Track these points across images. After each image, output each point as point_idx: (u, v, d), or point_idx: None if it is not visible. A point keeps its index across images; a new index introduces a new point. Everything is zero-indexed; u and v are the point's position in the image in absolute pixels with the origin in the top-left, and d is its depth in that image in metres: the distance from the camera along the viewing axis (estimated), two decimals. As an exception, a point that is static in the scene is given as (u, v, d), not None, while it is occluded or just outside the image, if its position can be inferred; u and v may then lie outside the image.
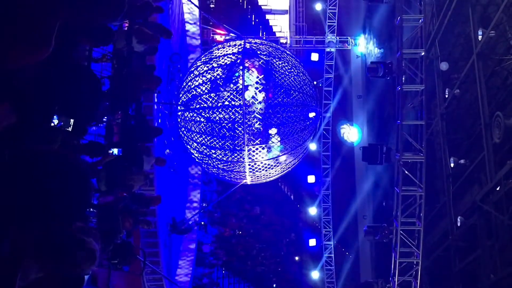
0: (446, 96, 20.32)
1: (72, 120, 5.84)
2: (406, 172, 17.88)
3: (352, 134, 30.49)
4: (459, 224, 18.99)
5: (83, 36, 5.79)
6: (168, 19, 18.08)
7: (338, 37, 25.82)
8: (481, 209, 16.88)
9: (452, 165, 19.76)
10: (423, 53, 17.87)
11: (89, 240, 3.88)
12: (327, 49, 26.31)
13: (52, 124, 5.24)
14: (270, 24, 31.45)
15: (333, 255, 28.68)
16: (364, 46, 27.14)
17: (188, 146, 15.97)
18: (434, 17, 20.20)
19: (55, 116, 5.26)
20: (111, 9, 3.61)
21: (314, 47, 26.20)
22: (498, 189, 15.67)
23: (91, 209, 8.73)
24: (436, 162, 21.02)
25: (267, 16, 31.76)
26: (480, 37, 16.56)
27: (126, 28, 9.34)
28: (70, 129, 5.93)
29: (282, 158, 15.40)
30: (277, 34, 29.44)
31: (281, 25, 30.94)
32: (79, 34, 5.50)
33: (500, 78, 17.17)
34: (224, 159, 15.28)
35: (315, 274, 29.51)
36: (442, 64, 19.82)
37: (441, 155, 20.73)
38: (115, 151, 9.25)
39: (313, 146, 25.87)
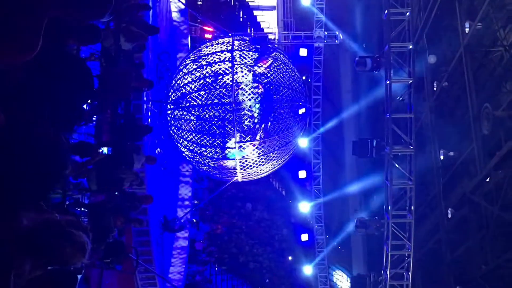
0: (435, 89, 20.43)
1: None
2: (396, 165, 17.95)
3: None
4: (449, 216, 19.13)
5: (71, 35, 5.78)
6: (156, 18, 18.03)
7: (326, 32, 25.83)
8: (472, 201, 17.00)
9: (441, 157, 19.89)
10: (410, 46, 17.93)
11: (78, 233, 3.86)
12: (316, 44, 26.33)
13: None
14: (258, 20, 31.43)
15: (325, 249, 28.77)
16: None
17: (179, 145, 15.95)
18: (421, 11, 20.29)
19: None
20: (98, 6, 3.60)
21: (302, 42, 26.20)
22: (487, 180, 15.79)
23: (82, 208, 8.73)
24: (425, 155, 21.13)
25: (255, 13, 31.73)
26: (467, 29, 16.67)
27: (113, 27, 9.32)
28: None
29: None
30: (266, 30, 29.43)
31: (269, 21, 30.94)
32: (66, 32, 5.49)
33: (487, 70, 17.27)
34: (215, 157, 15.28)
35: (308, 269, 29.62)
36: (430, 57, 19.93)
37: (430, 148, 20.85)
38: (105, 150, 9.24)
39: (304, 143, 25.89)
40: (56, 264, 3.87)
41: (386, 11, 17.89)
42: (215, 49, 15.13)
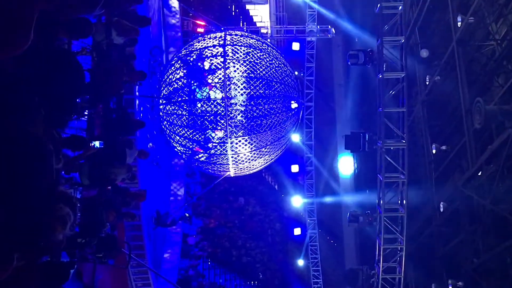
0: (427, 83, 20.43)
1: None
2: (389, 159, 17.98)
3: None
4: (441, 210, 19.16)
5: (62, 29, 5.74)
6: (147, 12, 17.95)
7: (318, 26, 25.80)
8: (463, 194, 17.03)
9: (434, 151, 19.91)
10: (403, 40, 17.94)
11: (59, 206, 3.88)
12: (308, 38, 26.31)
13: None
14: (251, 14, 31.34)
15: (317, 243, 28.83)
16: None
17: (171, 140, 15.92)
18: (414, 4, 20.27)
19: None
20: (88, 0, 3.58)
21: (295, 36, 26.17)
22: (479, 174, 15.83)
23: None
24: (418, 149, 21.16)
25: (247, 6, 31.63)
26: (459, 23, 16.65)
27: (104, 20, 9.27)
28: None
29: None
30: (258, 24, 29.33)
31: (261, 15, 30.85)
32: (57, 26, 5.45)
33: (479, 64, 17.30)
34: (208, 153, 15.26)
35: (299, 262, 29.77)
36: (423, 51, 19.90)
37: (423, 142, 20.88)
38: (97, 143, 9.20)
39: (296, 138, 25.89)
40: (38, 236, 3.88)
41: (378, 5, 17.88)
42: (207, 43, 15.10)
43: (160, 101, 15.50)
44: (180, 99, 14.74)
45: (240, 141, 14.85)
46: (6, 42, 3.33)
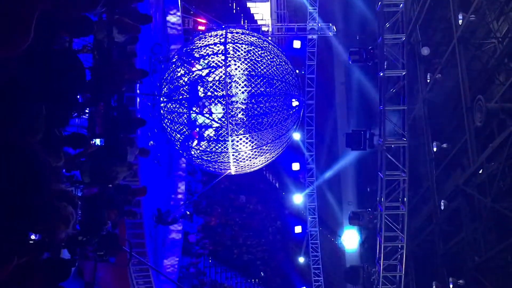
0: (428, 80, 20.44)
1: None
2: (390, 157, 17.97)
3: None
4: (442, 208, 19.17)
5: (63, 27, 5.73)
6: (148, 10, 17.94)
7: (319, 24, 25.78)
8: (464, 192, 17.04)
9: (435, 149, 19.92)
10: (404, 38, 17.92)
11: (63, 204, 3.88)
12: (309, 36, 26.28)
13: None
14: (252, 12, 31.33)
15: (318, 241, 28.84)
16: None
17: (172, 138, 15.91)
18: (415, 2, 20.27)
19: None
20: (89, -2, 3.58)
21: (296, 34, 26.15)
22: (480, 172, 15.83)
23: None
24: (419, 147, 21.16)
25: (249, 4, 31.66)
26: (460, 21, 16.65)
27: (106, 18, 9.25)
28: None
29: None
30: (259, 22, 29.32)
31: (262, 13, 30.84)
32: (58, 24, 5.45)
33: (480, 62, 17.29)
34: (208, 150, 15.25)
35: (300, 259, 29.83)
36: (424, 49, 19.91)
37: (424, 140, 20.88)
38: (98, 141, 9.19)
39: (297, 136, 25.88)
40: (41, 233, 3.89)
41: (379, 3, 17.87)
42: (208, 41, 15.08)
43: (161, 99, 15.48)
44: (181, 97, 14.73)
45: (241, 139, 14.84)
46: (6, 41, 3.33)
